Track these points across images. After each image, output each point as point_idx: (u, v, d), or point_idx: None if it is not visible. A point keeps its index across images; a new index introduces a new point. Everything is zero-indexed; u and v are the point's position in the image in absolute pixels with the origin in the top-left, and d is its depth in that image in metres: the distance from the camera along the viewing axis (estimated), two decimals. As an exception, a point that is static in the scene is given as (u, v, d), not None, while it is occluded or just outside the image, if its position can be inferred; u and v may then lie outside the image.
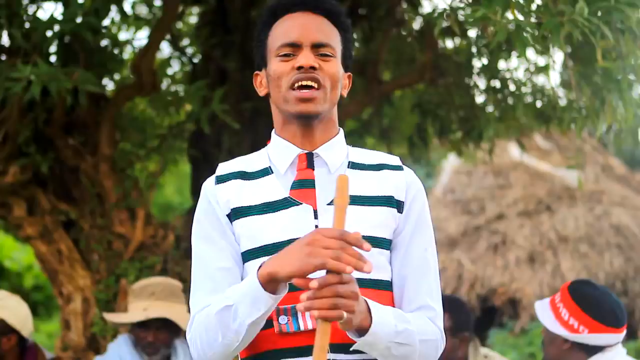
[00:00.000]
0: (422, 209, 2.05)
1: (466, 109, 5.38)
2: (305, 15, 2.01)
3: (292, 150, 2.02)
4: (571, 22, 3.14)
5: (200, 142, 5.55)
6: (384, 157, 2.09)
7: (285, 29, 2.00)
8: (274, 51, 2.01)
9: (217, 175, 2.07)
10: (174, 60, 6.17)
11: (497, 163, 11.08)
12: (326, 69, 1.98)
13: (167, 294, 4.00)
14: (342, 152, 2.06)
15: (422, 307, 1.98)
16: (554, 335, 3.26)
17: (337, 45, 2.02)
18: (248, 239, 1.97)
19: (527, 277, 10.64)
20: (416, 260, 2.00)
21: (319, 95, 1.97)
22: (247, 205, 1.99)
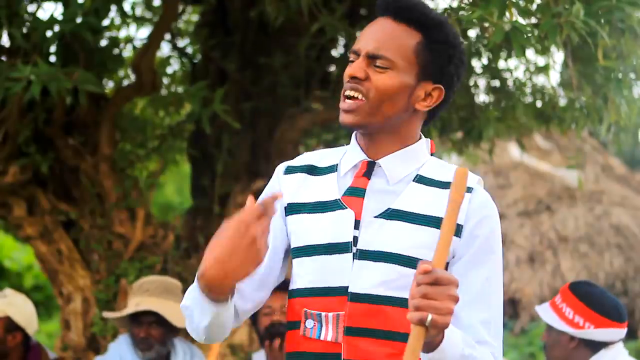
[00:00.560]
0: (488, 236, 1.91)
1: (466, 109, 5.38)
2: (384, 22, 1.93)
3: (358, 155, 1.98)
4: (568, 24, 3.13)
5: (200, 142, 5.54)
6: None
7: (362, 33, 1.96)
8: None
9: (288, 165, 2.05)
10: (173, 60, 6.17)
11: (497, 163, 11.09)
12: (375, 80, 1.89)
13: (161, 290, 4.00)
14: (412, 163, 1.96)
15: (480, 342, 1.86)
16: (559, 337, 3.26)
17: (405, 53, 1.90)
18: (297, 236, 1.96)
19: (527, 277, 10.65)
20: (474, 290, 1.88)
21: (359, 107, 1.90)
22: (303, 202, 1.98)
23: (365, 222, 1.90)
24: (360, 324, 1.86)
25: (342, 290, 1.88)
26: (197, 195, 5.63)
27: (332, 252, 1.90)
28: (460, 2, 3.99)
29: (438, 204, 1.89)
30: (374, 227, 1.89)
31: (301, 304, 1.92)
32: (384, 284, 1.86)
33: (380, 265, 1.87)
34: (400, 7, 1.92)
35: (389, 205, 1.91)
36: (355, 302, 1.87)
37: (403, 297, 1.83)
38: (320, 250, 1.91)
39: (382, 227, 1.89)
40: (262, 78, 5.43)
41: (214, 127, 5.29)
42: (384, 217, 1.90)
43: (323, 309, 1.88)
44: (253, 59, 5.42)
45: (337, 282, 1.88)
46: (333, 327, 1.87)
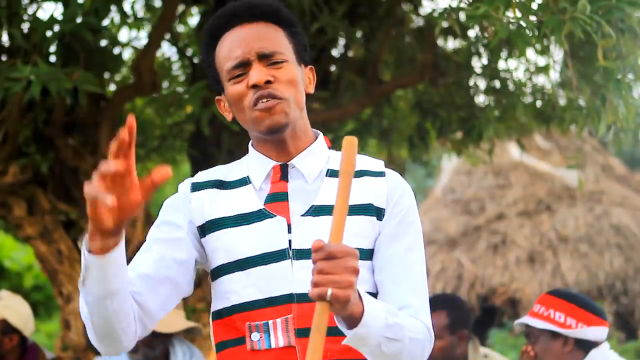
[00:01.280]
0: (406, 211, 1.94)
1: (466, 109, 5.38)
2: (243, 28, 1.92)
3: (267, 163, 1.96)
4: (572, 20, 3.14)
5: (200, 142, 5.55)
6: (366, 163, 1.99)
7: (227, 49, 1.91)
8: (225, 75, 1.93)
9: (193, 182, 2.01)
10: (174, 60, 6.17)
11: (497, 163, 11.09)
12: (281, 76, 1.89)
13: None
14: (320, 159, 1.97)
15: (402, 307, 1.86)
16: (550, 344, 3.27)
17: (285, 45, 1.93)
18: (224, 252, 1.91)
19: (527, 277, 10.65)
20: (395, 262, 1.90)
21: (283, 106, 1.88)
22: (222, 216, 1.93)
23: (295, 222, 1.89)
24: (310, 323, 1.76)
25: (287, 297, 1.86)
26: (197, 195, 5.62)
27: (268, 261, 1.88)
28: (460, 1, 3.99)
29: (358, 191, 1.91)
30: (304, 227, 1.88)
31: (242, 319, 1.87)
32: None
33: None
34: (252, 8, 1.92)
35: (312, 202, 1.91)
36: (303, 303, 1.84)
37: None
38: (255, 262, 1.87)
39: (311, 225, 1.89)
40: (262, 78, 5.42)
41: (214, 127, 5.29)
42: (311, 214, 1.90)
43: (269, 318, 1.85)
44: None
45: (280, 291, 1.86)
46: (283, 332, 1.84)
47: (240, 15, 1.92)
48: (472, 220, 11.46)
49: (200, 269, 2.02)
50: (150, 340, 3.92)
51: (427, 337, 1.87)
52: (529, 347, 3.35)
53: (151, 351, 3.93)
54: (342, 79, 5.68)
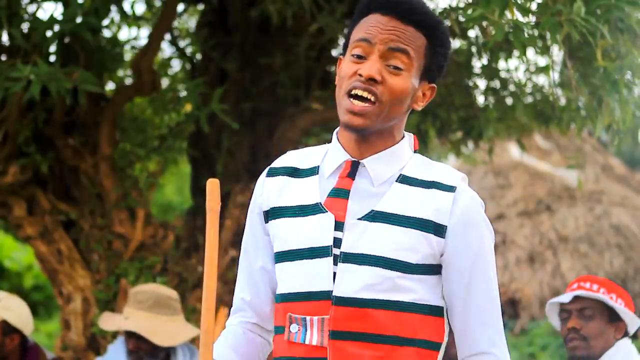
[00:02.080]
0: (481, 242, 1.91)
1: (466, 109, 5.38)
2: (392, 21, 1.87)
3: (341, 156, 1.93)
4: (569, 22, 3.14)
5: (200, 142, 5.55)
6: (442, 174, 1.92)
7: (367, 25, 1.88)
8: (350, 46, 1.91)
9: (271, 167, 2.03)
10: (173, 60, 6.17)
11: (497, 163, 11.09)
12: (390, 83, 1.86)
13: (152, 304, 3.96)
14: (396, 163, 1.92)
15: (485, 353, 1.91)
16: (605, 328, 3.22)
17: (418, 57, 1.89)
18: (278, 240, 1.96)
19: (527, 277, 10.65)
20: (481, 300, 1.91)
21: (372, 111, 1.85)
22: (284, 205, 1.96)
23: (349, 224, 1.88)
24: (345, 328, 1.85)
25: (325, 294, 1.87)
26: (197, 195, 5.63)
27: (313, 256, 1.89)
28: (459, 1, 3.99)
29: (421, 204, 1.88)
30: (357, 230, 1.87)
31: (285, 308, 1.91)
32: (368, 287, 1.84)
33: (365, 269, 1.85)
34: (408, 10, 1.89)
35: (372, 207, 1.88)
36: (340, 306, 1.85)
37: (387, 299, 1.84)
38: (302, 254, 1.90)
39: (365, 230, 1.87)
40: (262, 78, 5.43)
41: (214, 127, 5.30)
42: (368, 219, 1.87)
43: (307, 313, 1.87)
44: (253, 59, 5.42)
45: (320, 287, 1.87)
46: (318, 331, 1.86)
47: (397, 10, 1.88)
48: (472, 220, 11.45)
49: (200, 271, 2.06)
50: (153, 349, 3.91)
51: None
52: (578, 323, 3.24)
53: (153, 359, 3.94)
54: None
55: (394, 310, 1.85)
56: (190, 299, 5.14)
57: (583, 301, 3.25)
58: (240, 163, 5.47)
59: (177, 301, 4.07)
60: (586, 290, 3.24)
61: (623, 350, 3.21)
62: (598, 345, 3.21)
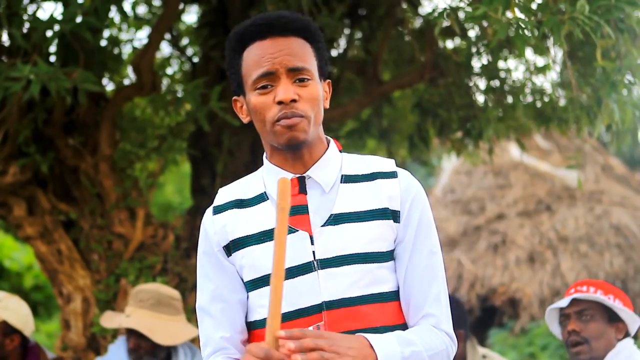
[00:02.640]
0: (422, 214, 2.03)
1: (466, 109, 5.38)
2: (275, 40, 1.96)
3: (282, 175, 2.00)
4: (571, 20, 3.14)
5: (200, 142, 5.55)
6: (377, 164, 2.06)
7: (257, 58, 1.95)
8: (250, 83, 1.97)
9: (214, 206, 2.07)
10: (173, 59, 6.17)
11: (497, 163, 11.09)
12: (306, 95, 1.95)
13: (153, 303, 3.97)
14: (334, 167, 2.03)
15: (427, 315, 1.99)
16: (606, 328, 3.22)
17: (312, 62, 1.99)
18: (250, 269, 1.99)
19: (527, 277, 10.64)
20: (422, 267, 2.00)
21: (303, 122, 1.94)
22: (245, 235, 2.00)
23: (316, 234, 1.96)
24: (341, 329, 1.90)
25: (315, 307, 1.93)
26: (197, 195, 5.63)
27: (294, 275, 1.94)
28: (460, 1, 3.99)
29: (373, 196, 1.99)
30: (324, 236, 1.95)
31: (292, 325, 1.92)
32: (353, 284, 1.93)
33: (344, 269, 1.94)
34: (285, 23, 1.97)
35: (330, 211, 1.98)
36: (332, 309, 1.93)
37: (373, 293, 1.95)
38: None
39: (332, 234, 1.96)
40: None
41: (214, 126, 5.29)
42: (330, 223, 1.97)
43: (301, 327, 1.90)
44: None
45: (309, 302, 1.94)
46: None
47: (274, 28, 1.96)
48: (472, 220, 11.45)
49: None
50: (153, 348, 3.91)
51: (449, 345, 1.99)
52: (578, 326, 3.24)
53: (154, 358, 3.94)
54: (342, 79, 5.68)
55: (379, 302, 1.95)
56: (190, 299, 5.14)
57: (581, 303, 3.26)
58: (240, 162, 5.47)
59: (178, 301, 4.07)
60: (583, 293, 3.25)
61: (625, 351, 3.21)
62: (600, 347, 3.21)
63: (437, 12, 4.03)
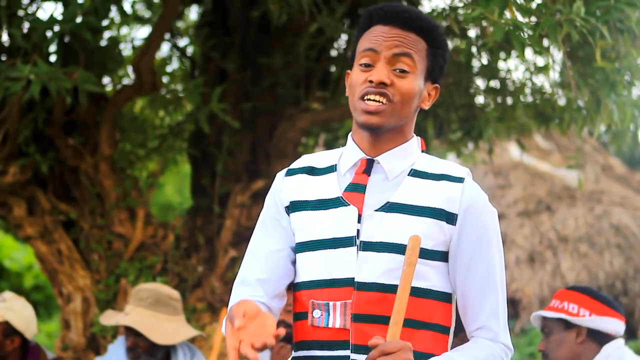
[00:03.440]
0: (485, 225, 2.05)
1: (466, 109, 5.38)
2: (394, 29, 2.05)
3: (357, 154, 2.09)
4: (568, 22, 3.14)
5: (200, 142, 5.55)
6: (450, 168, 2.10)
7: (371, 37, 2.06)
8: (357, 57, 2.08)
9: (289, 168, 2.17)
10: (173, 59, 6.17)
11: (497, 163, 11.09)
12: (399, 85, 2.02)
13: (152, 302, 3.97)
14: (407, 159, 2.09)
15: (482, 328, 2.04)
16: (564, 336, 3.25)
17: (421, 60, 2.05)
18: (300, 231, 2.08)
19: (527, 277, 10.65)
20: (480, 278, 2.04)
21: (385, 110, 2.01)
22: (304, 199, 2.09)
23: (367, 216, 2.02)
24: (366, 311, 1.97)
25: (348, 281, 1.99)
26: (197, 195, 5.63)
27: (336, 246, 2.02)
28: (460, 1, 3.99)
29: (433, 195, 2.04)
30: (375, 220, 2.01)
31: (308, 295, 2.03)
32: (388, 272, 1.98)
33: (384, 256, 1.99)
34: (407, 18, 2.06)
35: (387, 199, 2.03)
36: (362, 291, 1.98)
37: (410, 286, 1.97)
38: (325, 244, 2.03)
39: (382, 220, 2.01)
40: (262, 78, 5.43)
41: (214, 126, 5.29)
42: (384, 210, 2.02)
43: (330, 299, 2.00)
44: (253, 59, 5.42)
45: (343, 274, 2.00)
46: (341, 314, 1.98)
47: (398, 19, 2.05)
48: (472, 220, 11.45)
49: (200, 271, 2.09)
50: (150, 347, 3.91)
51: (504, 355, 2.05)
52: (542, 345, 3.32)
53: (151, 357, 3.94)
54: (342, 79, 5.68)
55: (412, 295, 1.95)
56: (190, 299, 5.14)
57: (543, 320, 3.36)
58: (240, 163, 5.47)
59: (178, 301, 4.08)
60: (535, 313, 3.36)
61: (615, 354, 3.22)
62: (562, 356, 3.27)
63: (437, 13, 4.03)
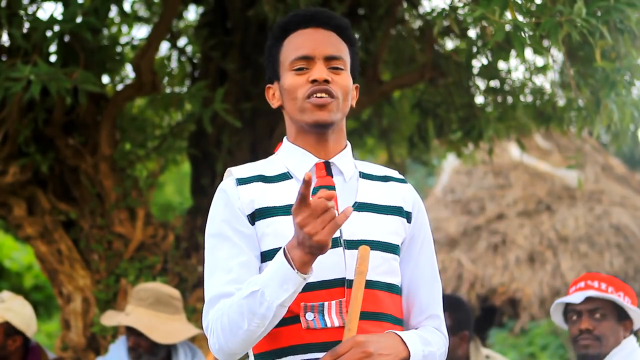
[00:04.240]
0: (426, 221, 2.19)
1: (466, 109, 5.38)
2: (317, 30, 2.11)
3: (310, 158, 2.10)
4: (569, 23, 3.14)
5: (200, 142, 5.55)
6: (387, 170, 2.21)
7: (298, 43, 2.09)
8: (287, 65, 2.09)
9: (237, 178, 2.12)
10: (173, 59, 6.16)
11: (497, 163, 11.09)
12: (338, 81, 2.07)
13: (153, 301, 3.97)
14: (352, 162, 2.16)
15: (431, 316, 2.13)
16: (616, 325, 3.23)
17: (346, 58, 2.12)
18: (275, 237, 2.03)
19: (527, 277, 10.64)
20: (428, 270, 2.15)
21: (332, 104, 2.06)
22: (272, 206, 2.06)
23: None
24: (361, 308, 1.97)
25: (339, 281, 2.02)
26: (197, 195, 5.63)
27: None
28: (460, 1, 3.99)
29: (390, 195, 2.13)
30: (350, 220, 2.00)
31: (297, 299, 1.97)
32: (373, 269, 2.02)
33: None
34: (329, 18, 2.13)
35: (354, 199, 2.09)
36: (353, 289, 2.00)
37: (386, 282, 2.06)
38: None
39: (357, 219, 2.06)
40: (262, 78, 5.43)
41: (214, 126, 5.29)
42: (356, 209, 2.07)
43: (323, 300, 2.01)
44: (253, 59, 5.43)
45: (333, 275, 2.02)
46: (337, 313, 2.00)
47: (317, 20, 2.12)
48: (472, 220, 11.45)
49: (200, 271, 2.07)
50: (152, 347, 3.91)
51: (445, 344, 2.14)
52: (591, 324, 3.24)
53: (152, 357, 3.94)
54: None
55: (390, 292, 2.07)
56: (190, 299, 5.15)
57: (594, 302, 3.25)
58: (240, 162, 5.41)
59: (178, 300, 4.08)
60: (597, 291, 3.25)
61: (627, 348, 3.22)
62: (609, 345, 3.24)
63: (437, 12, 4.03)
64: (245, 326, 1.92)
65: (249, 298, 1.91)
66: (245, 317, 1.92)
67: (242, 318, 1.92)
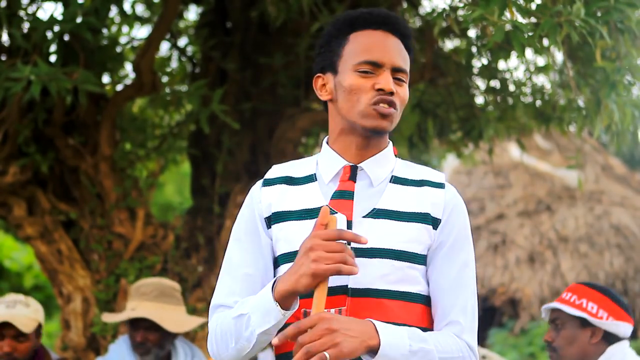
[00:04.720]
0: (461, 227, 2.11)
1: (466, 109, 5.38)
2: (387, 36, 2.08)
3: (339, 162, 2.09)
4: (568, 23, 3.14)
5: (200, 142, 5.55)
6: (428, 173, 2.15)
7: (368, 45, 2.07)
8: (351, 64, 2.06)
9: (265, 179, 2.15)
10: (173, 59, 6.16)
11: (497, 163, 11.10)
12: (400, 93, 2.08)
13: (157, 294, 3.98)
14: (387, 165, 2.12)
15: (451, 322, 2.04)
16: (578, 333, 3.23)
17: (408, 70, 2.12)
18: (285, 242, 2.05)
19: (527, 277, 10.65)
20: (453, 276, 2.06)
21: (394, 115, 2.06)
22: (288, 210, 2.07)
23: (355, 222, 2.03)
24: (362, 317, 1.93)
25: (341, 288, 1.98)
26: (197, 195, 5.63)
27: None
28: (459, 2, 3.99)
29: (418, 200, 2.08)
30: (364, 227, 2.01)
31: (299, 305, 1.97)
32: (381, 278, 1.98)
33: (376, 261, 1.99)
34: (399, 25, 2.11)
35: (373, 205, 2.05)
36: (356, 297, 1.98)
37: (398, 290, 2.00)
38: None
39: (371, 226, 2.02)
40: (262, 78, 5.43)
41: (214, 127, 5.29)
42: (372, 216, 2.03)
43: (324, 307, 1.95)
44: (253, 59, 5.43)
45: (336, 282, 1.97)
46: None
47: (388, 24, 2.09)
48: (472, 220, 11.46)
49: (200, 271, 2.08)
50: (162, 341, 3.91)
51: (467, 354, 2.02)
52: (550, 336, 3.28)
53: (161, 351, 3.94)
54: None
55: (404, 300, 2.00)
56: (190, 299, 5.15)
57: (554, 312, 3.32)
58: (240, 163, 5.47)
59: (179, 292, 4.11)
60: (556, 302, 3.31)
61: (616, 356, 3.22)
62: (572, 354, 3.24)
63: (437, 13, 4.03)
64: (233, 344, 1.99)
65: (238, 320, 1.97)
66: (233, 336, 1.98)
67: (231, 337, 1.99)
